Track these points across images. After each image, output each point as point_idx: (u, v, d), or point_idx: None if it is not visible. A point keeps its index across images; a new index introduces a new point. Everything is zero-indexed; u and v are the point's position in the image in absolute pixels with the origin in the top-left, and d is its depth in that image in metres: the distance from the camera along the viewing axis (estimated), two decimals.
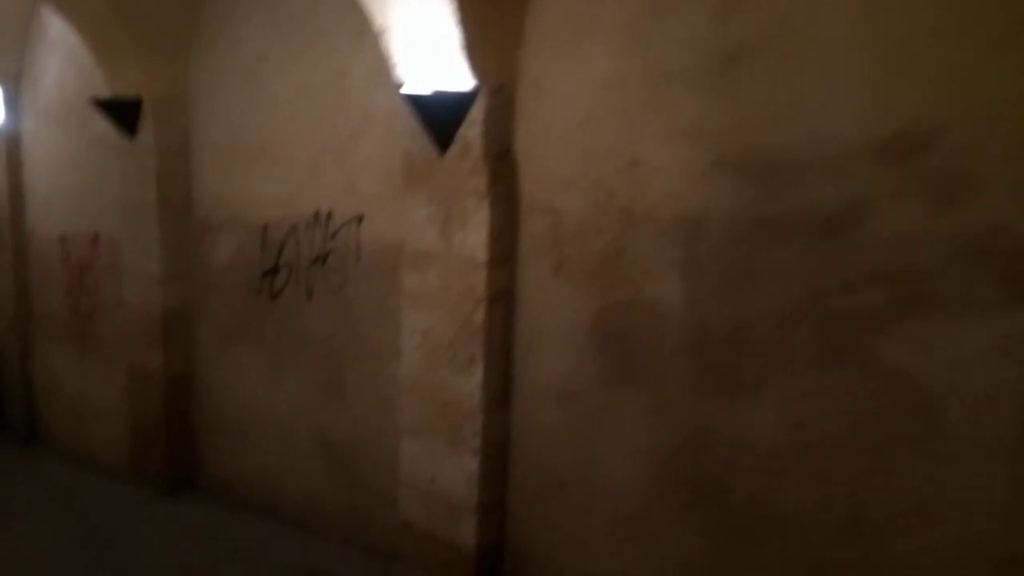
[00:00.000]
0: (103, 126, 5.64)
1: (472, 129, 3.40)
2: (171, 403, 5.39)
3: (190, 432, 5.52)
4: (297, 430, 4.80)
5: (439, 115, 3.42)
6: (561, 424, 3.50)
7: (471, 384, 3.53)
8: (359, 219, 4.27)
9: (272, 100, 4.70)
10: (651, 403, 3.19)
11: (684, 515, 3.17)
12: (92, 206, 6.16)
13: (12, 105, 6.86)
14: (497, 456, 3.65)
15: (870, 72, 2.60)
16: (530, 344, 3.58)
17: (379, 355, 4.24)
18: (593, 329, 3.34)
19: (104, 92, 5.23)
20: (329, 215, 4.42)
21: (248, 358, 5.06)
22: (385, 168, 4.09)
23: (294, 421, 4.80)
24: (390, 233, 4.10)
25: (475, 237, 3.45)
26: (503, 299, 3.54)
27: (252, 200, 4.89)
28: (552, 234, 3.44)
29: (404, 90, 3.40)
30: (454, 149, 3.48)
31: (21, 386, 7.14)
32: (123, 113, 5.12)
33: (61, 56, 6.22)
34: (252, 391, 5.07)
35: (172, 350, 5.35)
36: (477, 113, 3.37)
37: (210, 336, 5.32)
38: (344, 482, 4.54)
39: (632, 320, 3.22)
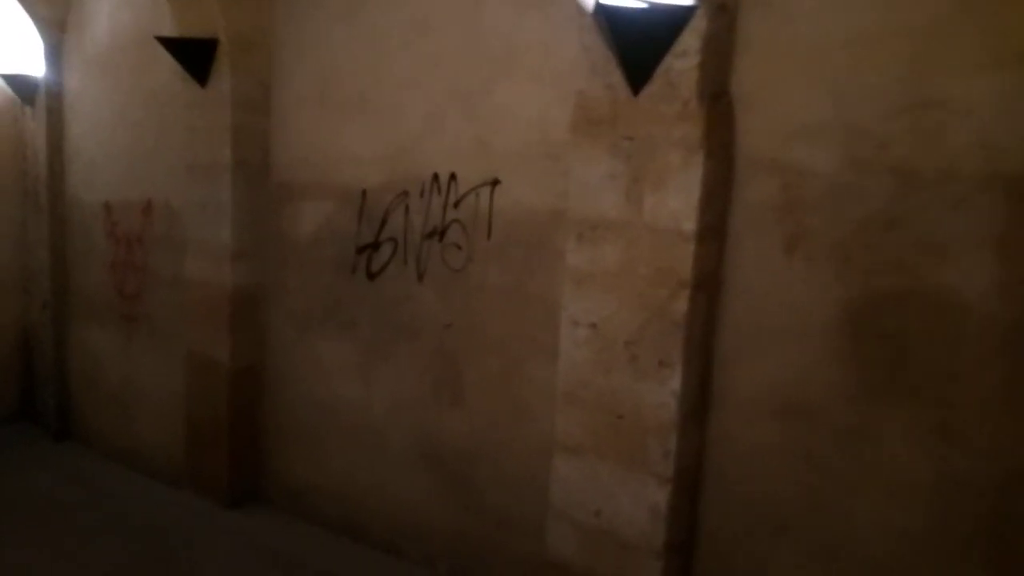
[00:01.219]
0: (161, 76, 4.88)
1: (682, 60, 2.58)
2: (237, 400, 4.61)
3: (258, 434, 4.74)
4: (394, 437, 4.00)
5: (639, 40, 2.60)
6: (783, 447, 2.68)
7: (662, 393, 2.72)
8: (493, 183, 3.47)
9: (378, 39, 3.90)
10: (935, 427, 2.36)
11: None
12: (145, 170, 5.38)
13: (54, 57, 6.11)
14: (690, 485, 2.83)
15: None
16: (739, 343, 2.77)
17: (514, 350, 3.44)
18: (843, 326, 2.52)
19: (169, 33, 4.44)
20: (452, 179, 3.63)
21: (333, 349, 4.27)
22: (535, 117, 3.28)
23: (390, 426, 4.01)
24: (538, 199, 3.30)
25: (677, 202, 2.63)
26: (709, 284, 2.73)
27: (347, 161, 4.10)
28: (783, 200, 2.62)
29: (603, 1, 2.57)
30: (652, 88, 2.66)
31: (54, 373, 6.39)
32: (194, 55, 4.33)
33: None
34: (336, 389, 4.28)
35: (241, 338, 4.57)
36: (691, 39, 2.56)
37: (286, 322, 4.53)
38: (456, 503, 3.74)
39: (908, 315, 2.40)
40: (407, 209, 3.83)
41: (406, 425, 3.95)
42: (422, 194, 3.75)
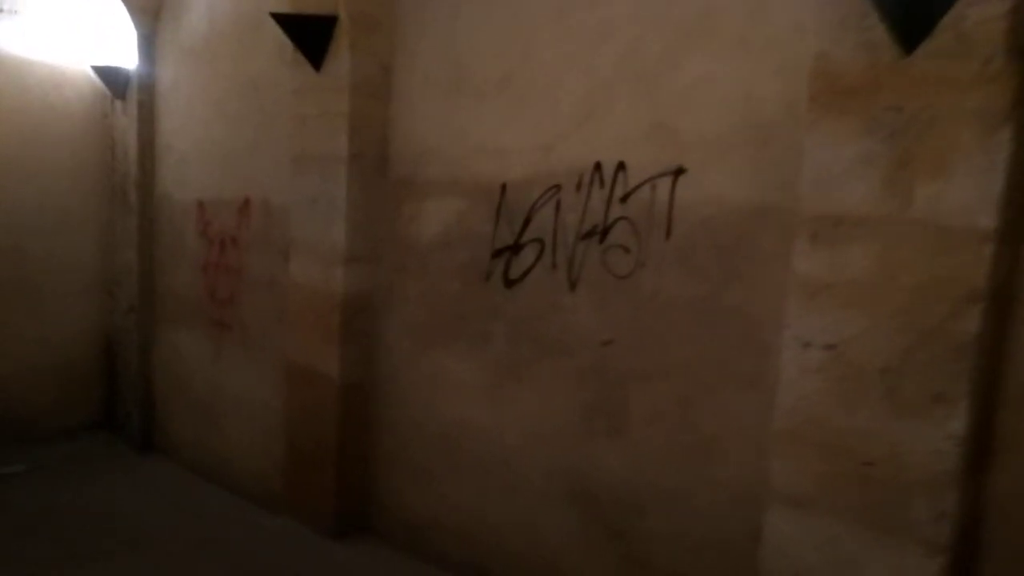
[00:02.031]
0: (263, 63, 4.47)
1: (982, 7, 1.97)
2: (346, 419, 4.12)
3: (367, 458, 4.24)
4: (532, 471, 3.44)
5: None
6: None
7: (936, 436, 2.11)
8: (675, 173, 2.89)
9: (525, 10, 3.39)
10: None
11: None
12: (243, 165, 4.95)
13: (147, 47, 5.77)
14: (968, 556, 2.20)
15: None
16: None
17: (698, 375, 2.86)
18: None
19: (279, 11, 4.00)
20: (619, 169, 3.06)
21: (459, 367, 3.74)
22: (737, 94, 2.72)
23: (528, 458, 3.46)
24: (738, 193, 2.72)
25: (968, 191, 2.03)
26: (1002, 296, 2.10)
27: (484, 152, 3.57)
28: None
29: None
30: (934, 44, 2.05)
31: (139, 381, 6.03)
32: (310, 34, 3.87)
33: None
34: (461, 412, 3.75)
35: (351, 350, 4.07)
36: None
37: (402, 335, 4.02)
38: (613, 554, 3.16)
39: None
40: (558, 206, 3.28)
41: (548, 458, 3.39)
42: (579, 188, 3.20)
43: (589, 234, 3.18)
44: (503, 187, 3.50)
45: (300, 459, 4.30)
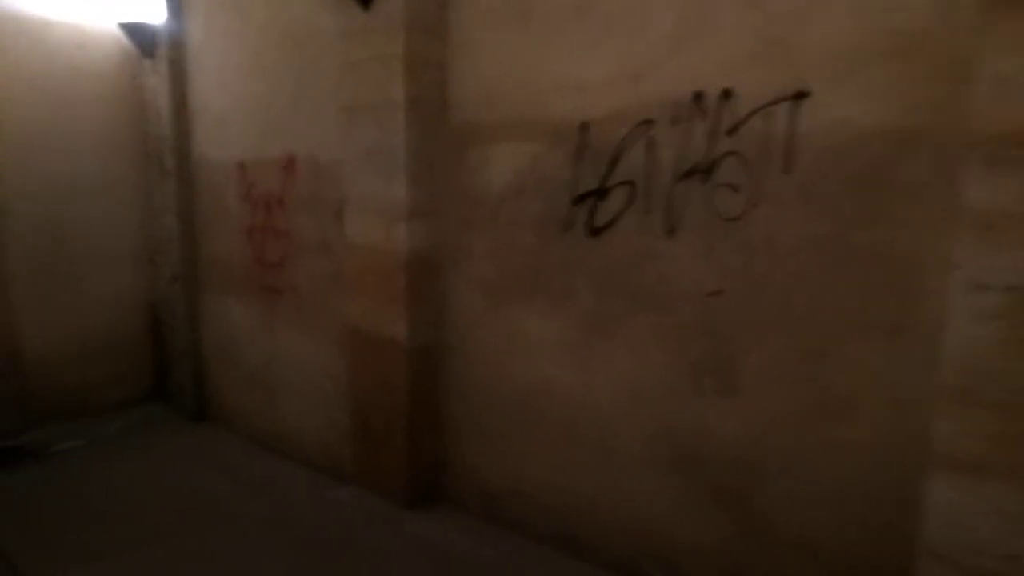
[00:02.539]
0: (300, 8, 4.19)
1: None
2: (415, 385, 3.86)
3: (439, 424, 3.99)
4: (628, 433, 3.16)
5: None
6: None
7: None
8: (795, 97, 2.52)
9: None
10: None
11: None
12: (286, 121, 4.64)
13: (174, 1, 5.41)
14: None
15: None
16: None
17: (825, 326, 2.55)
18: None
19: None
20: (725, 97, 2.70)
21: (538, 324, 3.44)
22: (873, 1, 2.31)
23: (623, 420, 3.17)
24: (877, 116, 2.37)
25: None
26: None
27: (560, 89, 3.22)
28: None
29: None
30: None
31: (189, 351, 5.82)
32: None
33: None
34: (543, 372, 3.46)
35: (418, 312, 3.79)
36: None
37: (472, 293, 3.72)
38: (727, 522, 2.89)
39: None
40: (651, 143, 2.94)
41: (646, 420, 3.10)
42: (675, 121, 2.85)
43: (690, 173, 2.84)
44: (584, 126, 3.16)
45: (367, 427, 4.07)
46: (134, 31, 5.53)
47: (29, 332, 5.59)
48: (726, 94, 2.70)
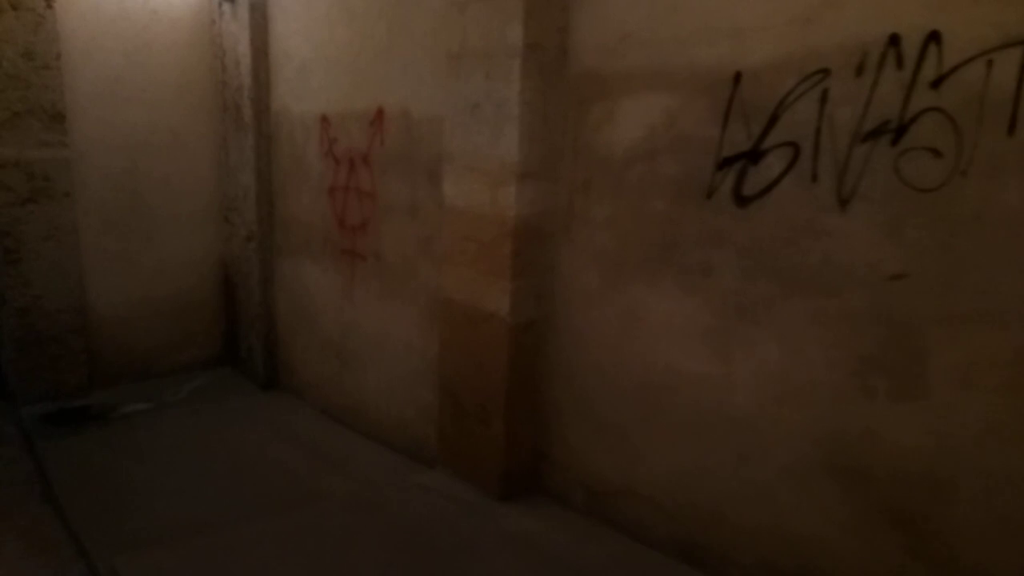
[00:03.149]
0: None
1: None
2: (516, 364, 3.49)
3: (540, 409, 3.62)
4: (776, 434, 2.74)
5: None
6: None
7: None
8: None
9: None
10: None
11: None
12: (376, 71, 4.28)
13: None
14: None
15: None
16: None
17: None
18: None
19: None
20: (929, 41, 2.21)
21: (666, 305, 3.03)
22: None
23: (769, 418, 2.76)
24: None
25: None
26: None
27: (706, 32, 2.77)
28: None
29: None
30: None
31: (262, 315, 5.55)
32: None
33: None
34: (669, 359, 3.06)
35: (524, 285, 3.41)
36: None
37: (587, 266, 3.33)
38: (897, 541, 2.45)
39: None
40: (824, 97, 2.48)
41: (798, 422, 2.68)
42: (860, 71, 2.38)
43: (874, 134, 2.38)
44: (736, 76, 2.71)
45: (459, 408, 3.72)
46: None
47: (99, 288, 5.39)
48: (932, 37, 2.22)
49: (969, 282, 2.23)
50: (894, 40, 2.31)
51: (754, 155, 2.69)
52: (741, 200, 2.76)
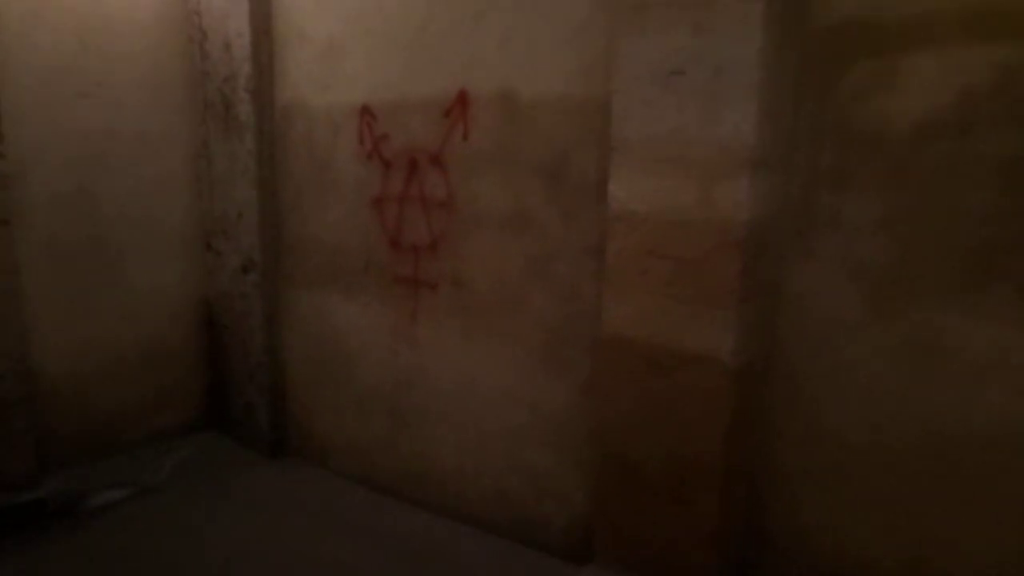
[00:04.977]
0: None
1: None
2: (738, 424, 2.55)
3: (760, 480, 2.68)
4: None
5: None
6: None
7: None
8: None
9: None
10: None
11: None
12: (452, 44, 3.32)
13: None
14: None
15: None
16: None
17: None
18: None
19: None
20: None
21: (989, 333, 2.17)
22: None
23: None
24: None
25: None
26: None
27: None
28: None
29: None
30: None
31: (265, 363, 4.37)
32: None
33: None
34: (992, 410, 2.19)
35: (749, 316, 2.47)
36: None
37: (836, 283, 2.46)
38: None
39: None
40: None
41: None
42: None
43: None
44: None
45: (636, 482, 2.77)
46: None
47: (48, 344, 4.09)
48: None
49: None
50: None
51: None
52: None
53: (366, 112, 3.76)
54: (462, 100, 3.35)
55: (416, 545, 3.46)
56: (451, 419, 3.66)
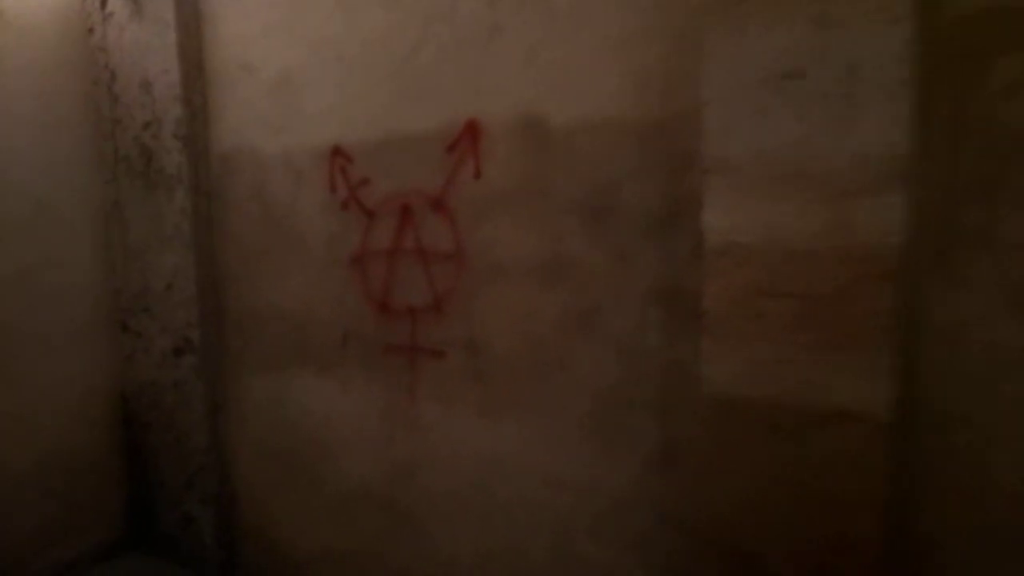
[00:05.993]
0: None
1: None
2: (896, 492, 2.11)
3: (914, 558, 2.26)
4: None
5: None
6: None
7: None
8: None
9: None
10: None
11: None
12: (455, 68, 2.85)
13: None
14: None
15: None
16: None
17: None
18: None
19: None
20: None
21: None
22: None
23: None
24: None
25: None
26: None
27: None
28: None
29: None
30: None
31: (209, 466, 3.59)
32: None
33: None
34: None
35: (898, 359, 2.07)
36: None
37: (997, 315, 2.09)
38: None
39: None
40: None
41: None
42: None
43: None
44: None
45: (756, 571, 2.24)
46: None
47: None
48: None
49: None
50: None
51: None
52: None
53: (338, 154, 3.16)
54: (471, 131, 2.82)
55: None
56: (469, 514, 3.03)
